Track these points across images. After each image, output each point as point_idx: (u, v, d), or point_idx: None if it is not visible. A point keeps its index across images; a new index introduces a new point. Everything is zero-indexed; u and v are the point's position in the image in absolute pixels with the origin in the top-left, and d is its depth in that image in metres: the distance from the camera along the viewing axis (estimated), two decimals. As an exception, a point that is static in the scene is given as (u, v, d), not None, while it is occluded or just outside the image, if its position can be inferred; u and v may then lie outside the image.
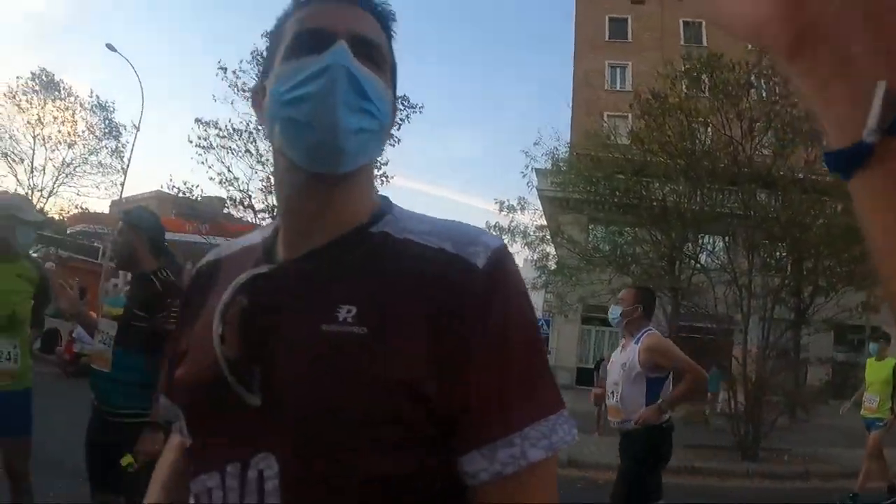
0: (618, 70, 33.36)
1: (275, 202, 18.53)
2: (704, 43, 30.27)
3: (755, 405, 11.88)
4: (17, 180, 31.03)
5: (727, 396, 12.82)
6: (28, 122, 30.96)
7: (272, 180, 19.47)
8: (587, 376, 16.60)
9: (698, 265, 16.29)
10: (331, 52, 0.93)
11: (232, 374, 0.92)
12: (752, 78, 12.95)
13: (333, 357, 0.89)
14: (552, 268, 23.23)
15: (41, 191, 30.91)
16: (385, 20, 1.06)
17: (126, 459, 3.43)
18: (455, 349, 0.89)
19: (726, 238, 14.55)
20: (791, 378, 12.59)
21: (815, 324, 15.55)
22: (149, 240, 3.87)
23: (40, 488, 4.50)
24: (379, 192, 1.11)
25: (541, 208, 24.91)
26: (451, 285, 0.91)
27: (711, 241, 16.73)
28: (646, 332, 5.14)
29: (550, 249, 24.35)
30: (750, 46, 12.95)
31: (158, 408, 1.32)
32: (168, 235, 4.28)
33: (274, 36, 1.07)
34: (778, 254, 14.03)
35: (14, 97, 30.77)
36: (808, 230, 12.45)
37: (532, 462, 0.88)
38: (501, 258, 0.96)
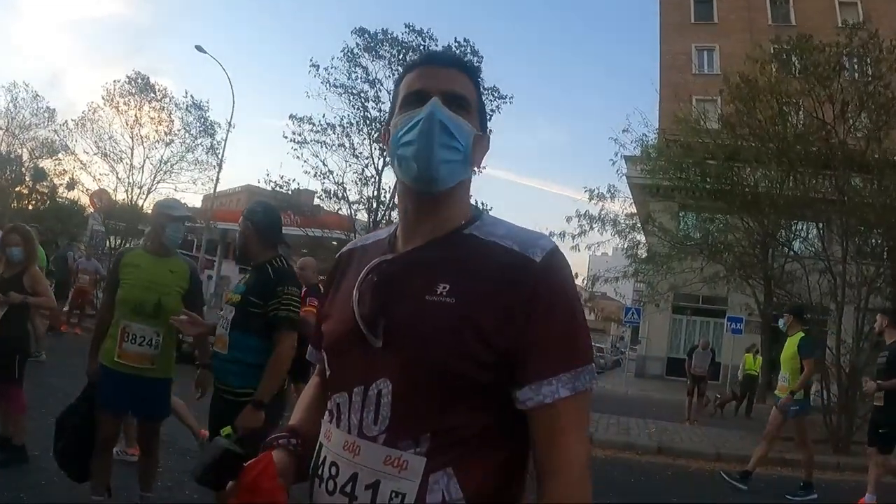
0: (705, 53, 32.34)
1: (368, 194, 19.08)
2: (793, 22, 29.16)
3: (848, 397, 11.49)
4: (118, 178, 32.43)
5: (820, 388, 12.42)
6: (126, 123, 32.27)
7: (366, 173, 19.84)
8: (677, 366, 16.34)
9: (791, 252, 15.78)
10: (427, 107, 1.39)
11: (364, 324, 1.40)
12: (844, 59, 12.40)
13: (431, 317, 1.34)
14: (643, 256, 22.87)
15: (140, 187, 32.12)
16: (471, 73, 1.52)
17: (225, 431, 3.73)
18: (513, 319, 1.31)
19: (820, 225, 14.03)
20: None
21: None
22: (262, 232, 4.16)
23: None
24: (473, 200, 1.62)
25: (630, 196, 24.49)
26: (515, 274, 1.35)
27: (805, 227, 16.16)
28: None
29: (641, 238, 23.96)
30: (840, 23, 12.47)
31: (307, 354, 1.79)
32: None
33: (395, 91, 1.56)
34: (873, 241, 13.42)
35: (112, 100, 32.17)
36: (904, 216, 11.85)
37: (562, 397, 1.31)
38: (552, 256, 1.38)
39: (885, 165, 12.43)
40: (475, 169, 1.53)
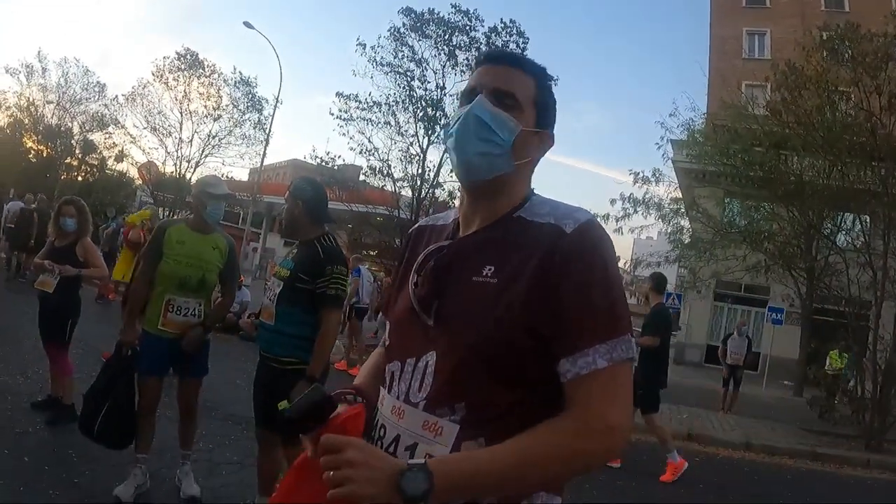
0: (756, 37, 31.46)
1: (413, 171, 19.24)
2: (846, 8, 28.26)
3: (883, 394, 11.35)
4: (167, 152, 33.18)
5: (856, 383, 12.28)
6: (175, 98, 32.94)
7: (411, 150, 19.95)
8: (716, 354, 16.21)
9: (834, 245, 15.50)
10: (472, 104, 1.52)
11: (419, 305, 1.54)
12: (893, 50, 12.06)
13: (475, 297, 1.44)
14: (686, 241, 22.61)
15: (188, 161, 32.87)
16: (530, 70, 1.58)
17: (282, 405, 3.87)
18: (547, 289, 1.38)
19: (863, 218, 13.76)
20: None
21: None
22: (306, 210, 4.30)
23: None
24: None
25: (676, 180, 24.17)
26: (549, 246, 1.41)
27: (851, 220, 15.86)
28: None
29: (685, 223, 23.66)
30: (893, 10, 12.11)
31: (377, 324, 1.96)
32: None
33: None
34: (918, 236, 13.11)
35: (161, 76, 32.84)
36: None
37: (598, 368, 1.35)
38: (585, 227, 1.43)
39: (932, 160, 12.05)
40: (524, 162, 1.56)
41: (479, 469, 1.32)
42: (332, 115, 19.90)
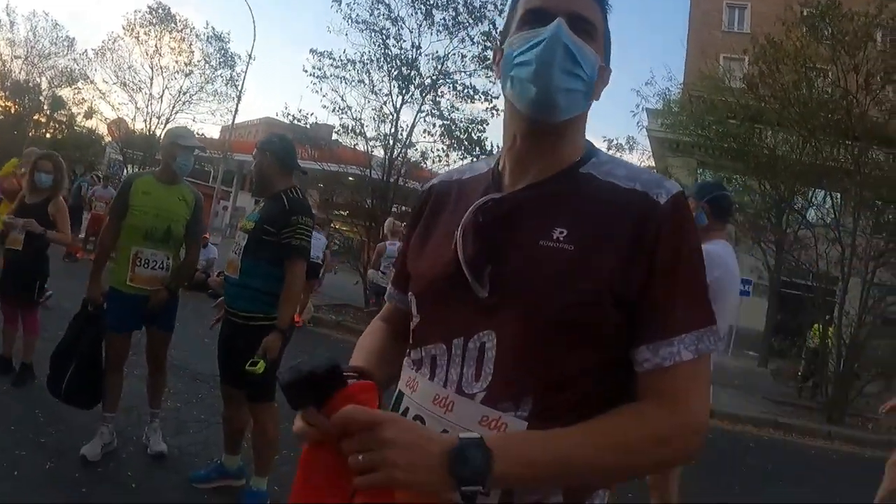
0: (736, 10, 31.50)
1: (385, 131, 19.09)
2: (830, -15, 28.38)
3: (846, 368, 11.62)
4: (136, 108, 32.58)
5: (821, 355, 12.55)
6: (146, 53, 32.30)
7: (384, 110, 19.77)
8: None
9: (804, 219, 15.73)
10: (551, 27, 1.23)
11: (469, 270, 1.27)
12: (873, 30, 12.16)
13: (548, 265, 1.21)
14: (657, 210, 22.78)
15: (159, 117, 32.30)
16: None
17: (261, 366, 3.90)
18: (636, 267, 1.18)
19: (835, 195, 13.96)
20: (888, 345, 12.08)
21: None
22: (279, 161, 4.27)
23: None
24: (490, 143, 1.47)
25: (650, 149, 24.36)
26: (638, 217, 1.21)
27: (822, 196, 16.06)
28: None
29: (658, 192, 23.83)
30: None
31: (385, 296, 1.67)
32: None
33: (511, 9, 1.39)
34: (888, 216, 13.36)
35: (132, 30, 32.17)
36: (921, 193, 11.75)
37: (683, 360, 1.18)
38: (679, 201, 1.24)
39: (906, 141, 12.25)
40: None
41: (551, 450, 1.11)
42: (306, 72, 19.67)
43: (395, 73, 19.23)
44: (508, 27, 1.37)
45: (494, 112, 20.05)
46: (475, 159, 24.41)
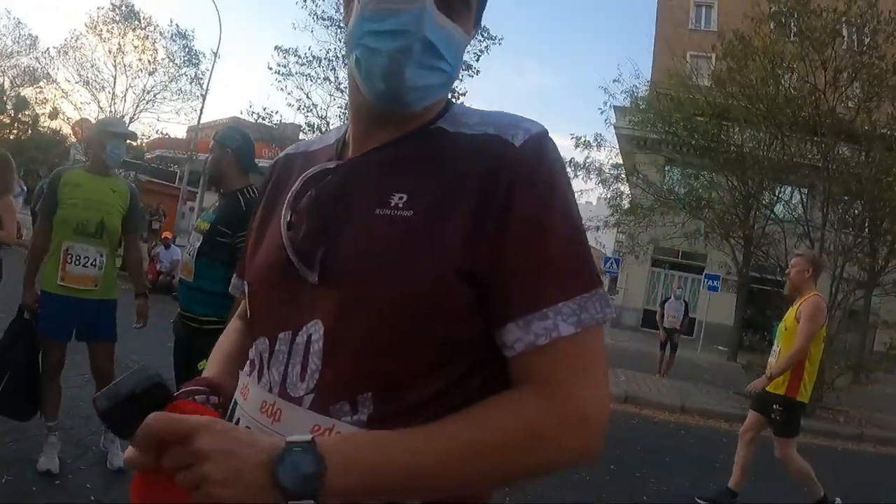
0: (703, 9, 31.70)
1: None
2: (796, -17, 28.80)
3: (820, 363, 11.72)
4: (100, 107, 32.23)
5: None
6: (109, 51, 31.97)
7: (343, 105, 19.76)
8: (653, 319, 16.56)
9: (773, 215, 15.91)
10: (414, 11, 0.98)
11: (295, 254, 1.06)
12: (841, 26, 12.33)
13: (382, 237, 0.99)
14: (625, 207, 22.95)
15: (122, 117, 31.89)
16: None
17: (202, 364, 3.74)
18: (493, 225, 0.96)
19: (803, 190, 14.14)
20: (857, 339, 12.25)
21: (886, 286, 14.50)
22: (237, 159, 4.05)
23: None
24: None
25: (617, 146, 24.49)
26: (490, 162, 1.00)
27: (788, 191, 16.28)
28: None
29: (625, 189, 24.03)
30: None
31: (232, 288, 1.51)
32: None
33: None
34: (855, 211, 13.48)
35: (95, 27, 31.82)
36: (889, 189, 11.88)
37: (563, 335, 0.95)
38: (540, 141, 1.03)
39: (874, 137, 12.44)
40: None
41: (397, 456, 0.91)
42: (271, 69, 19.54)
43: (362, 70, 19.33)
44: None
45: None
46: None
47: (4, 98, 35.99)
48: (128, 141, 4.68)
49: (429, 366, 0.98)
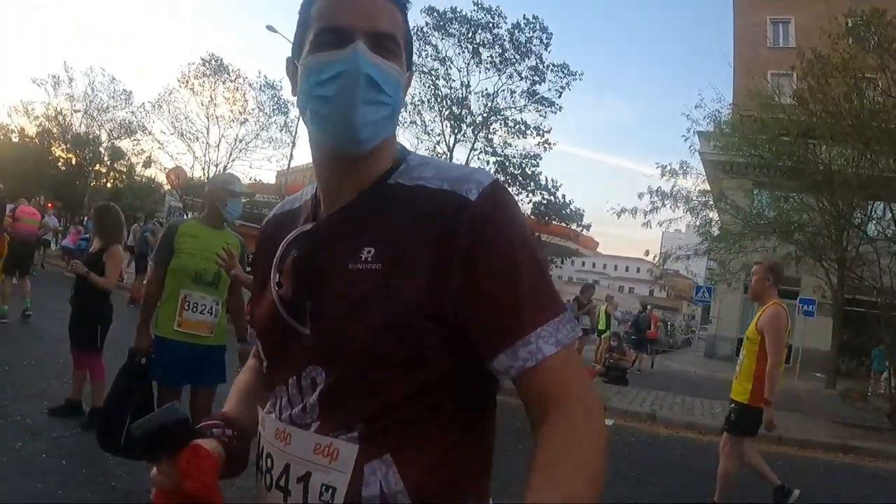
0: (780, 25, 30.98)
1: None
2: (872, -7, 27.91)
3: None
4: (195, 157, 33.75)
5: (889, 375, 12.12)
6: (201, 104, 33.50)
7: (437, 149, 20.14)
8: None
9: (865, 234, 15.31)
10: (349, 54, 1.12)
11: (286, 311, 1.21)
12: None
13: (357, 289, 1.12)
14: (715, 234, 22.43)
15: (216, 165, 33.34)
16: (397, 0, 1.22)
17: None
18: (452, 276, 1.09)
19: (894, 206, 13.59)
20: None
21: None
22: None
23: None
24: (543, 178, 1.38)
25: (703, 172, 24.01)
26: (448, 218, 1.10)
27: (880, 208, 15.65)
28: None
29: (713, 215, 23.47)
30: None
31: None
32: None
33: (304, 16, 1.23)
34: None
35: (187, 82, 33.44)
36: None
37: (547, 355, 1.08)
38: (492, 189, 1.14)
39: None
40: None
41: None
42: (359, 114, 20.22)
43: (447, 112, 19.60)
44: (302, 38, 1.23)
45: (547, 146, 20.14)
46: (531, 194, 24.61)
47: (101, 150, 37.95)
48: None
49: (413, 393, 1.12)
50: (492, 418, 1.26)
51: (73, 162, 37.70)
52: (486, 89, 19.91)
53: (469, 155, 19.29)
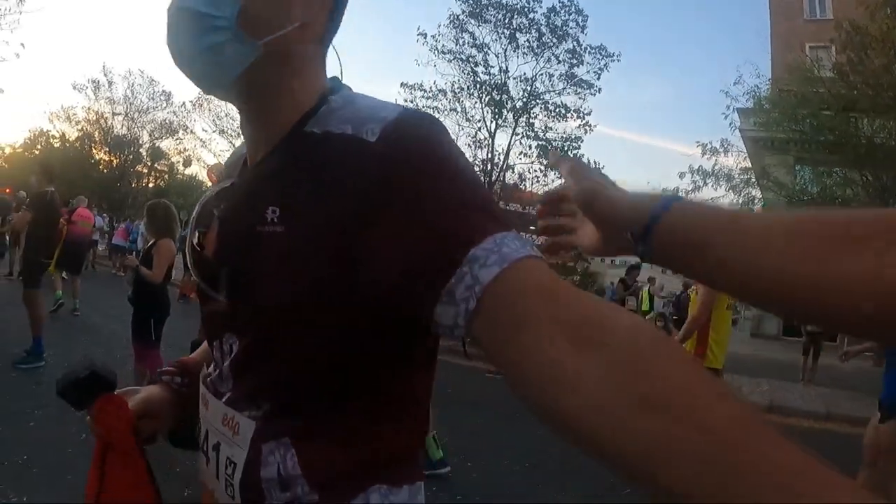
0: (817, -4, 30.45)
1: (482, 157, 19.58)
2: (908, -37, 27.11)
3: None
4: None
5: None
6: (242, 102, 34.14)
7: (479, 136, 20.25)
8: (794, 326, 15.93)
9: (910, 208, 15.04)
10: None
11: (199, 276, 1.09)
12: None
13: (261, 255, 0.96)
14: (758, 211, 22.10)
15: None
16: None
17: None
18: (366, 228, 0.87)
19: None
20: None
21: None
22: None
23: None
24: (586, 159, 1.10)
25: (745, 150, 23.72)
26: (349, 168, 0.90)
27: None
28: None
29: (756, 192, 23.21)
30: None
31: None
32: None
33: None
34: None
35: (228, 79, 33.98)
36: None
37: (487, 281, 0.79)
38: (394, 128, 0.91)
39: None
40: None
41: None
42: (398, 105, 20.40)
43: (487, 98, 19.64)
44: None
45: (588, 128, 20.11)
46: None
47: (142, 151, 38.56)
48: None
49: (324, 369, 0.98)
50: (421, 395, 1.08)
51: (114, 164, 38.26)
52: (525, 74, 19.81)
53: (510, 140, 19.29)
